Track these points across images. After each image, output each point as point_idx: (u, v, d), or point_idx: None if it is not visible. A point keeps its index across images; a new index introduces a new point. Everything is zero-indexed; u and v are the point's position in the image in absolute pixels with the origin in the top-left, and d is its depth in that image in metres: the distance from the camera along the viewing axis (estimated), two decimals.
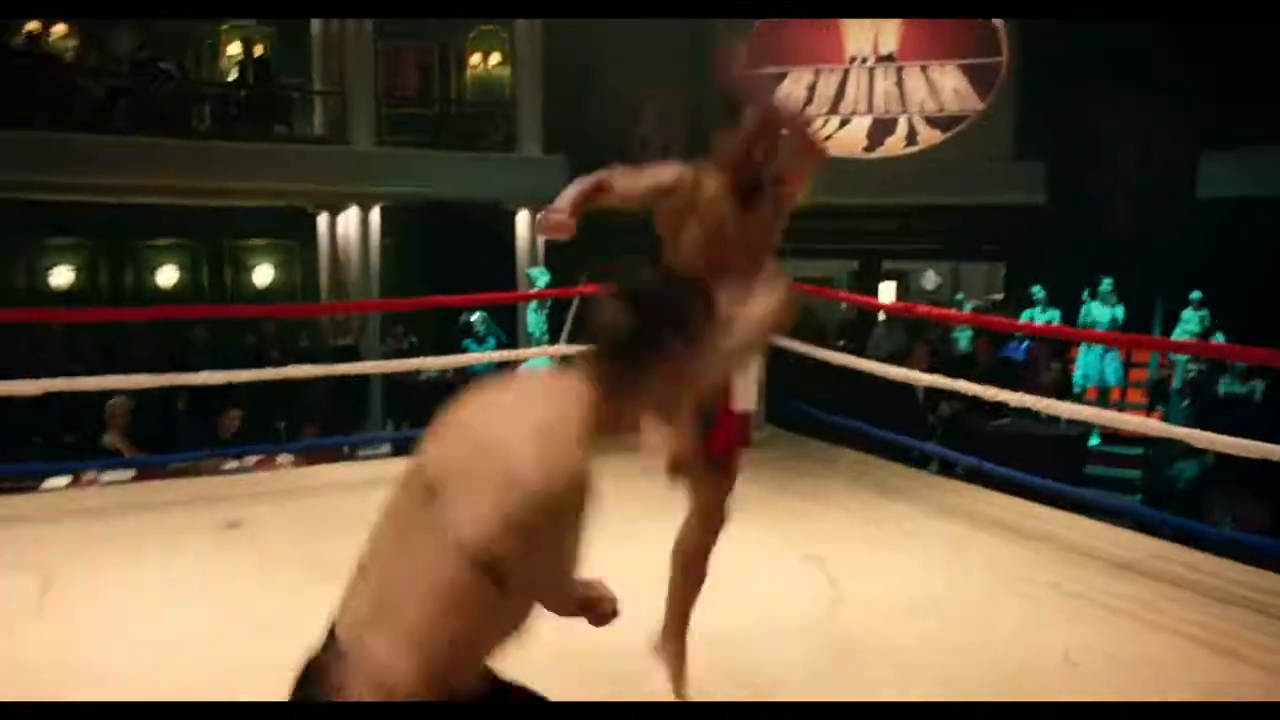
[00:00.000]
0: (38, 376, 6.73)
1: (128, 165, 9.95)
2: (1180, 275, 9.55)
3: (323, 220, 12.06)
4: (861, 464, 5.52)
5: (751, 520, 3.98)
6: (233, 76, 11.95)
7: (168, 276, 12.45)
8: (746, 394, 2.65)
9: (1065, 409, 5.86)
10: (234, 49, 12.60)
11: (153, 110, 10.45)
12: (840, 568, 3.67)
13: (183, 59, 11.69)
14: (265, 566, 3.66)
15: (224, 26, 12.79)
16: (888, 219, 12.69)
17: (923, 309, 9.78)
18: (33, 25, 10.56)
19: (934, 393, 6.98)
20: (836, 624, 3.23)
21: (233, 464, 6.24)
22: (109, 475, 5.80)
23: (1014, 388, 5.55)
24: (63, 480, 5.72)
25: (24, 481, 5.62)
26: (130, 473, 5.88)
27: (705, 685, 2.64)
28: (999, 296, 12.70)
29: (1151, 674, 2.90)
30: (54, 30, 11.10)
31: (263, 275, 12.95)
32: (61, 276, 11.93)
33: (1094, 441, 8.75)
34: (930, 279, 14.50)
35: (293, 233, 12.59)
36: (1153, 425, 6.28)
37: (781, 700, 2.67)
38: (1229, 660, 3.01)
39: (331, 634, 1.27)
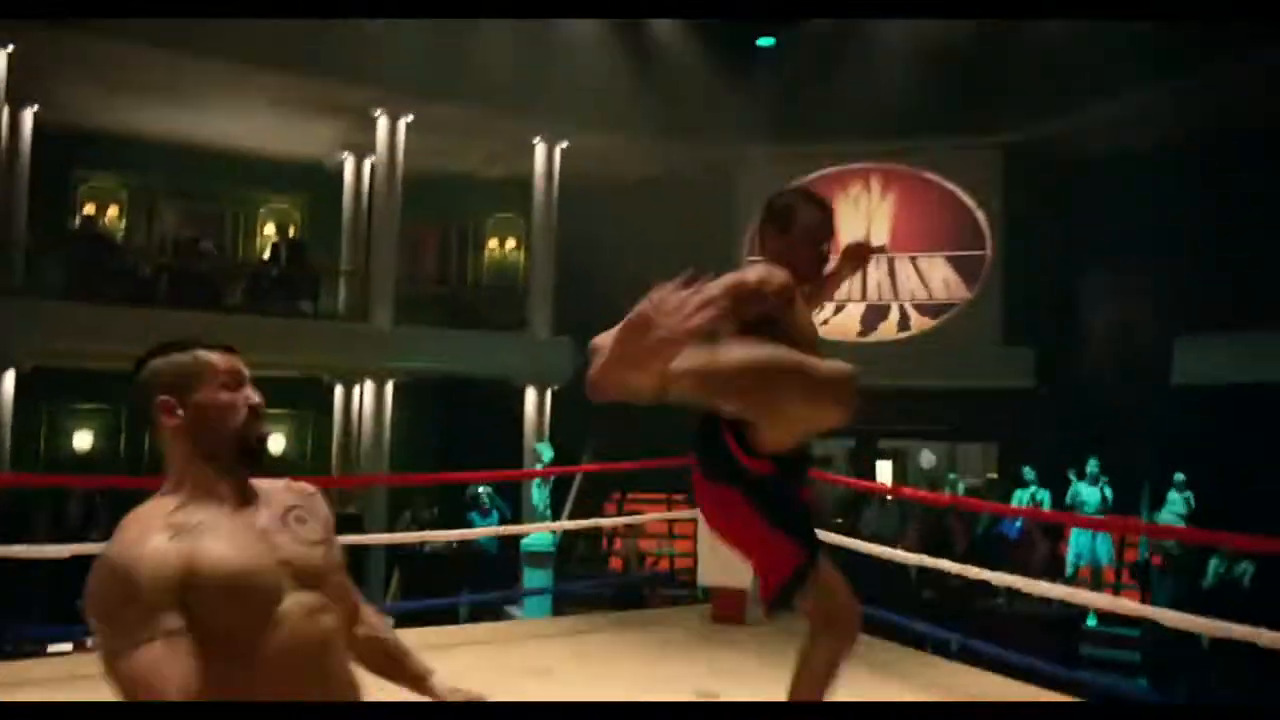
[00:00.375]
0: (60, 541, 7.02)
1: (163, 336, 10.52)
2: (1164, 457, 9.86)
3: (339, 391, 12.58)
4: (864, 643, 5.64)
5: (748, 694, 4.15)
6: (267, 255, 12.74)
7: None
8: None
9: (1054, 591, 6.03)
10: (269, 229, 13.53)
11: (191, 286, 11.16)
12: None
13: (221, 238, 12.50)
14: None
15: (260, 209, 13.78)
16: (884, 400, 13.14)
17: (908, 491, 10.06)
18: (89, 209, 11.47)
19: (925, 572, 7.17)
20: None
21: None
22: None
23: (1007, 566, 5.77)
24: (67, 645, 5.88)
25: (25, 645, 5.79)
26: None
27: None
28: (994, 476, 12.98)
29: None
30: (108, 214, 12.03)
31: (275, 443, 13.35)
32: (83, 440, 12.33)
33: (1091, 622, 8.82)
34: (927, 458, 14.81)
35: (309, 403, 13.08)
36: (1131, 607, 6.44)
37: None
38: None
39: None
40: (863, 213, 12.99)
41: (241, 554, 1.44)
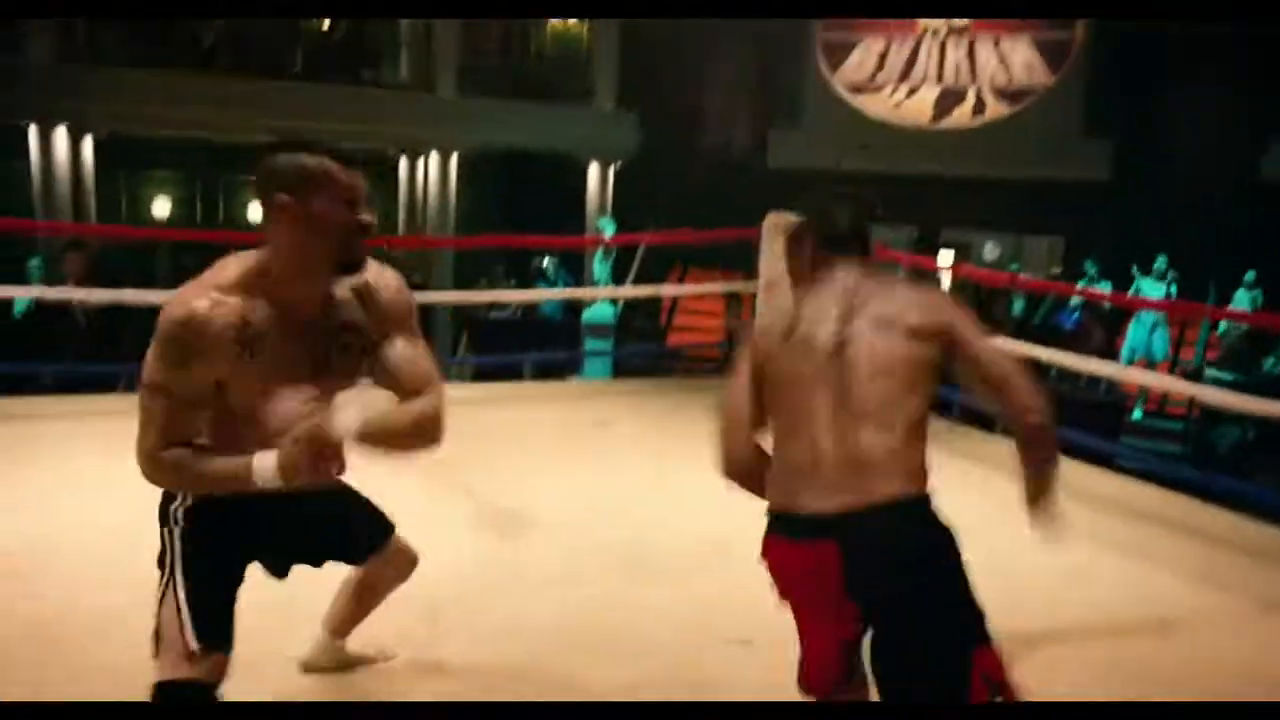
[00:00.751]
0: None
1: (225, 104, 10.65)
2: (1236, 258, 9.65)
3: (403, 163, 12.66)
4: None
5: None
6: (326, 23, 12.49)
7: (257, 210, 13.17)
8: None
9: (1104, 368, 6.16)
10: None
11: (251, 53, 11.08)
12: None
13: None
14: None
15: None
16: (951, 189, 12.85)
17: (970, 270, 10.00)
18: None
19: None
20: None
21: None
22: None
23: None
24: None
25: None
26: None
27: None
28: (1057, 270, 12.83)
29: (1136, 594, 3.31)
30: None
31: None
32: (161, 208, 12.73)
33: (1137, 415, 8.98)
34: (990, 249, 14.62)
35: (371, 174, 13.21)
36: (1191, 388, 6.56)
37: None
38: (1212, 591, 3.39)
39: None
40: None
41: (270, 388, 1.68)
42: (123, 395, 5.60)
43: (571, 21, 13.51)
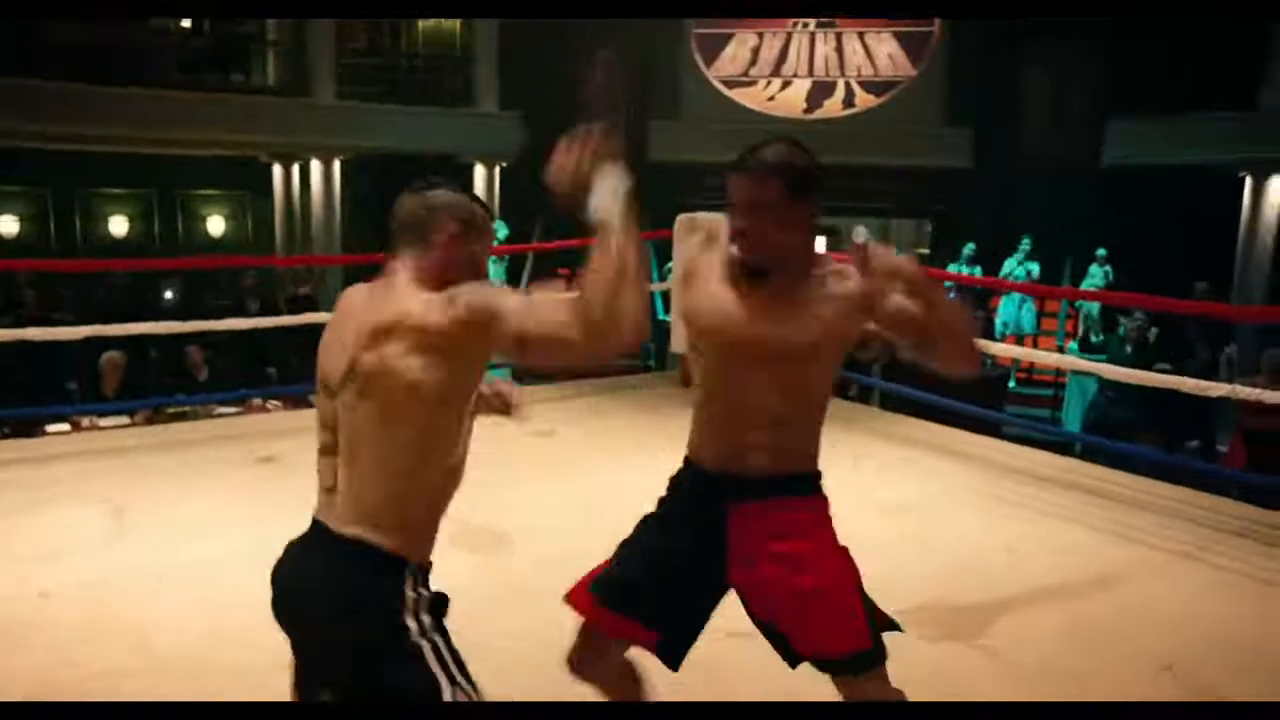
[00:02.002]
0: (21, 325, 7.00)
1: (86, 112, 10.01)
2: (1088, 236, 10.50)
3: (277, 171, 12.22)
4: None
5: None
6: (187, 23, 11.89)
7: (119, 226, 12.45)
8: None
9: (997, 349, 6.66)
10: None
11: (116, 59, 10.45)
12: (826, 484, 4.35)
13: None
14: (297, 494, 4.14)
15: None
16: (825, 177, 13.36)
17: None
18: None
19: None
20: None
21: (221, 409, 6.61)
22: (107, 420, 6.16)
23: None
24: (63, 426, 6.05)
25: (24, 426, 5.94)
26: (125, 419, 6.23)
27: None
28: (925, 251, 13.56)
29: (1073, 558, 3.65)
30: None
31: (215, 225, 13.04)
32: (7, 225, 11.85)
33: (1011, 384, 9.70)
34: (861, 233, 15.00)
35: (241, 183, 12.70)
36: (1048, 357, 7.23)
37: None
38: (1131, 546, 3.78)
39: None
40: None
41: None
42: (6, 442, 5.32)
43: (445, 20, 13.34)
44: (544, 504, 4.04)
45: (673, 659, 1.86)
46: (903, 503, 4.17)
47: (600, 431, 5.39)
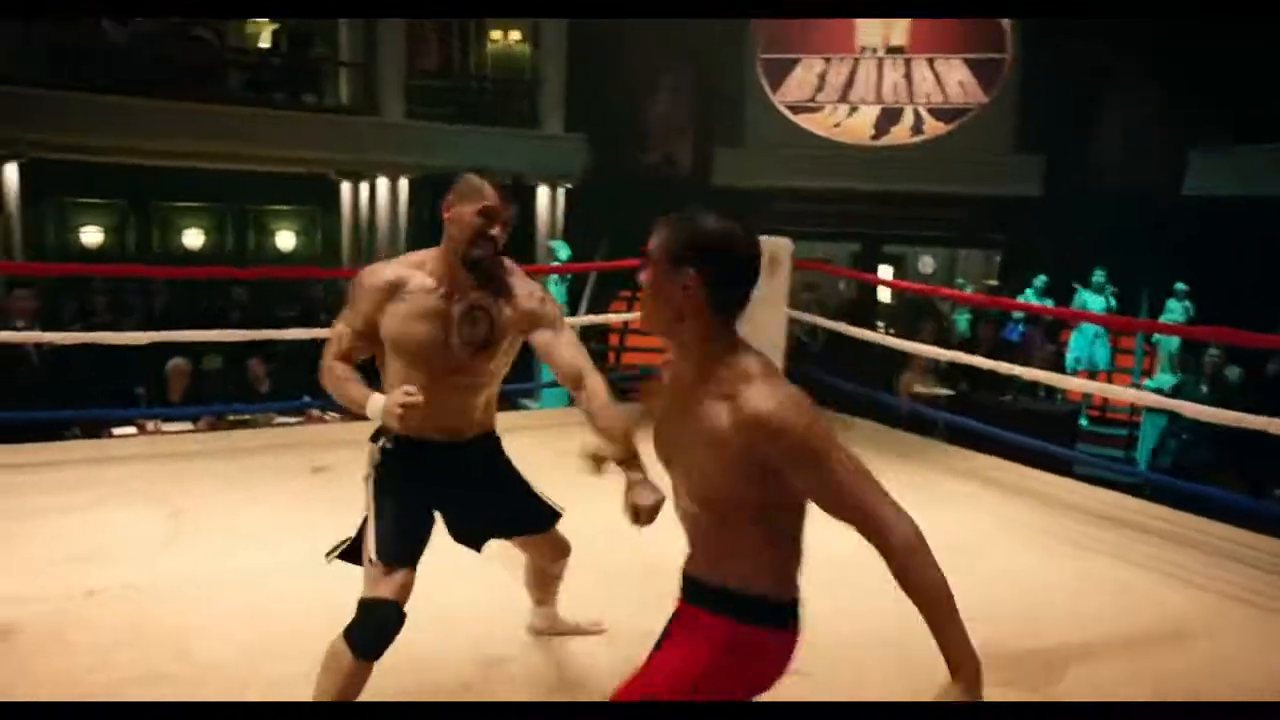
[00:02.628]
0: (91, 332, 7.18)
1: (160, 127, 10.34)
2: (1166, 269, 10.13)
3: (345, 188, 12.46)
4: (877, 431, 6.06)
5: None
6: (266, 43, 12.21)
7: (194, 238, 12.80)
8: None
9: (1068, 383, 6.42)
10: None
11: (190, 76, 10.79)
12: None
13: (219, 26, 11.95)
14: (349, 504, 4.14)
15: None
16: (890, 204, 13.19)
17: (934, 289, 10.26)
18: None
19: (938, 369, 7.55)
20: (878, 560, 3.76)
21: (280, 418, 6.69)
22: (171, 425, 6.28)
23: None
24: (130, 429, 6.18)
25: (96, 429, 6.08)
26: (188, 425, 6.34)
27: None
28: (994, 283, 13.27)
29: (1140, 604, 3.45)
30: None
31: (284, 240, 13.33)
32: (91, 236, 12.26)
33: (1083, 422, 9.36)
34: (927, 264, 15.06)
35: (313, 199, 12.97)
36: (1123, 392, 6.94)
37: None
38: (1204, 596, 3.57)
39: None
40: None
41: (411, 329, 2.25)
42: (76, 443, 5.44)
43: (514, 41, 13.52)
44: None
45: None
46: (961, 539, 3.99)
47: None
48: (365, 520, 2.27)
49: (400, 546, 2.19)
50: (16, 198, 10.51)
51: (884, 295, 13.07)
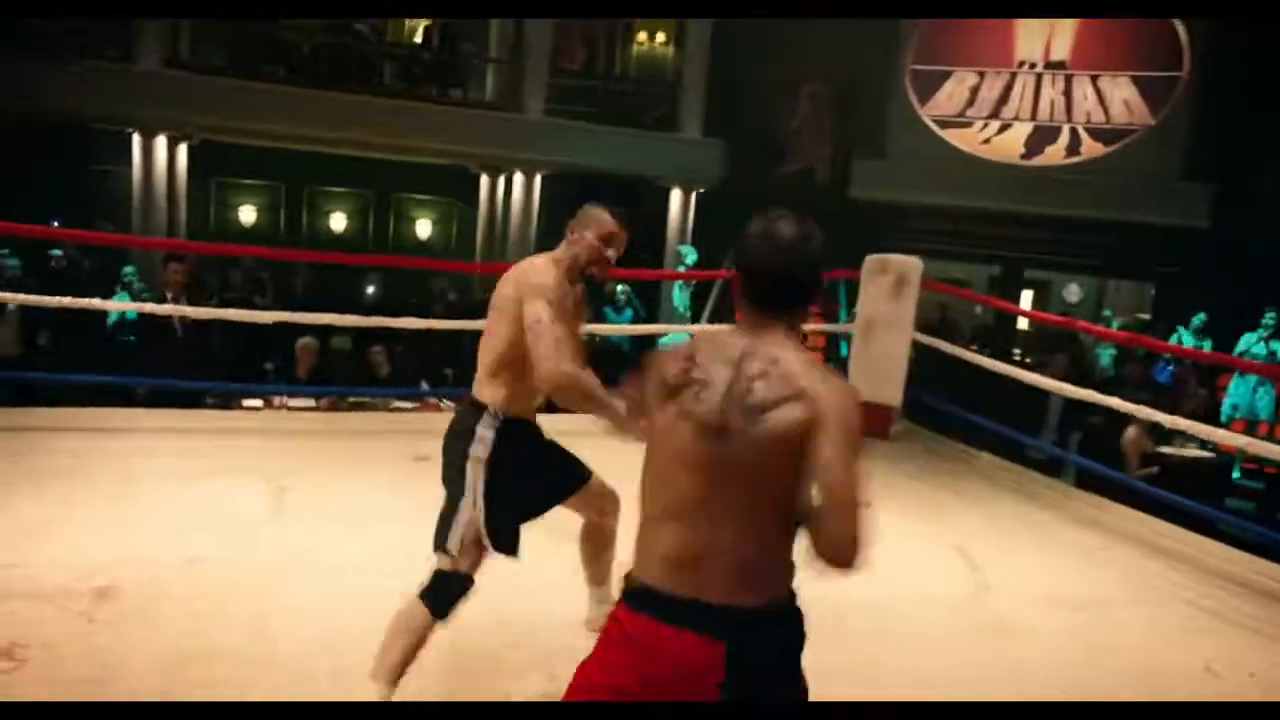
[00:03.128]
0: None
1: (317, 115, 10.82)
2: None
3: (484, 182, 12.75)
4: (999, 468, 5.71)
5: (899, 509, 4.29)
6: (419, 38, 12.62)
7: (339, 222, 13.38)
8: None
9: (1220, 435, 5.87)
10: None
11: (346, 67, 11.26)
12: (985, 559, 3.94)
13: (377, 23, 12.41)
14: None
15: None
16: (1037, 228, 12.49)
17: (1070, 321, 9.66)
18: None
19: (1071, 406, 7.03)
20: (983, 607, 3.51)
21: (399, 403, 6.84)
22: (296, 401, 6.51)
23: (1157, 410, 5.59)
24: (258, 402, 6.45)
25: (228, 399, 6.37)
26: (310, 401, 6.56)
27: (862, 647, 2.98)
28: (1146, 317, 12.41)
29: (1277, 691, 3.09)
30: None
31: (423, 229, 13.76)
32: (247, 215, 12.98)
33: (1236, 475, 8.59)
34: (1074, 292, 14.24)
35: (453, 191, 13.33)
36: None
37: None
38: None
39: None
40: (1043, 23, 11.89)
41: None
42: (204, 412, 5.71)
43: (659, 44, 13.52)
44: None
45: None
46: (1078, 598, 3.69)
47: None
48: (463, 500, 2.38)
49: (515, 535, 2.43)
50: (185, 177, 11.21)
51: (1022, 323, 12.41)
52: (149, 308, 5.83)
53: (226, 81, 10.71)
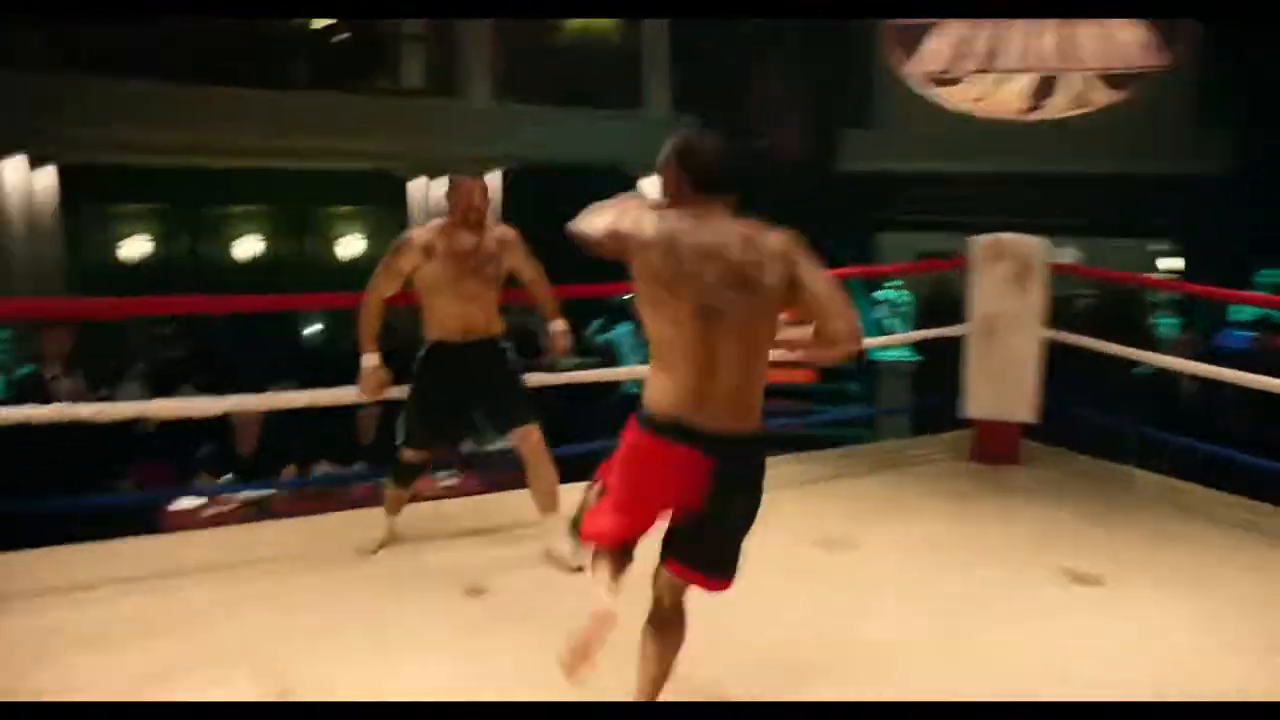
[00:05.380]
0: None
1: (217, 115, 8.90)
2: None
3: (418, 184, 10.90)
4: (1161, 485, 4.59)
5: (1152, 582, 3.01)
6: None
7: (246, 247, 11.34)
8: None
9: None
10: None
11: (245, 59, 9.31)
12: None
13: None
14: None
15: None
16: (1035, 186, 11.34)
17: (1098, 271, 8.41)
18: None
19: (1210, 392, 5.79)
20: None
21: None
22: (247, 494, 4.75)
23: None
24: (193, 501, 4.67)
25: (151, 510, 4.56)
26: (269, 491, 4.80)
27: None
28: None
29: None
30: None
31: (351, 246, 11.81)
32: (134, 248, 10.81)
33: None
34: (1071, 256, 13.27)
35: (382, 197, 11.42)
36: None
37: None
38: None
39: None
40: None
41: (438, 269, 3.38)
42: (143, 540, 3.89)
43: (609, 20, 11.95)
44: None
45: None
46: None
47: (920, 543, 3.81)
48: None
49: (423, 432, 3.55)
50: (55, 205, 9.10)
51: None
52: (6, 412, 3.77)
53: (91, 82, 8.63)
